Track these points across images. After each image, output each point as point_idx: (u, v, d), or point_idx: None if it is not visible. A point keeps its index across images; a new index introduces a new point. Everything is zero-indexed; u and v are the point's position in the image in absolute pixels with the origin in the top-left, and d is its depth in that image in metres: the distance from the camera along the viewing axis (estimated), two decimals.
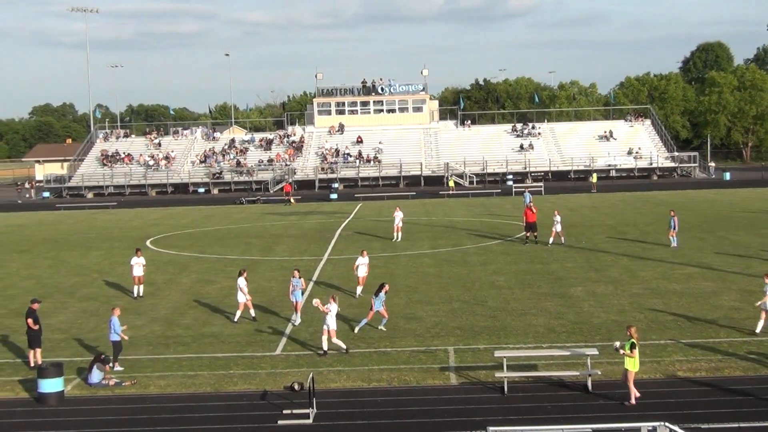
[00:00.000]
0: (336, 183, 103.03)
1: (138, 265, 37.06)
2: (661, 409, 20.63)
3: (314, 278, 40.08)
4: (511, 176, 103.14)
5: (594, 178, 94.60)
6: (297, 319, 31.32)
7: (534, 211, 49.29)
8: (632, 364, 21.55)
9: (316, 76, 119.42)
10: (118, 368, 25.68)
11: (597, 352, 23.80)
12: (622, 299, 33.34)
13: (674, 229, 46.44)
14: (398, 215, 52.37)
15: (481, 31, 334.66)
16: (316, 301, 27.18)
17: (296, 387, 22.96)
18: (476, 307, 32.75)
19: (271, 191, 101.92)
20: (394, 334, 28.96)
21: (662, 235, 50.11)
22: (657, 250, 44.93)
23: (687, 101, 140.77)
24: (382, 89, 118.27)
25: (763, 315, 27.53)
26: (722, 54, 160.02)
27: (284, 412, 21.35)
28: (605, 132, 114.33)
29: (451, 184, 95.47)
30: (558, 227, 48.51)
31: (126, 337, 26.89)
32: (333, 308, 26.81)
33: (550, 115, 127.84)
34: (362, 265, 35.44)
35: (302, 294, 31.86)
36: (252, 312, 32.29)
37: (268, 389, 23.47)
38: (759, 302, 27.85)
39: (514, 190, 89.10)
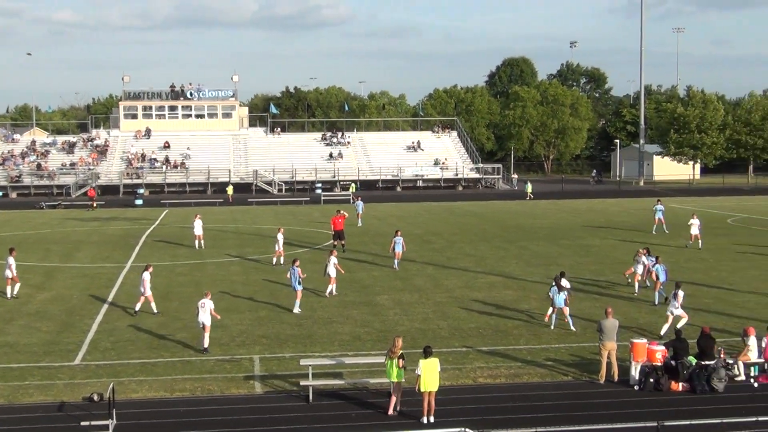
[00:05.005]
0: (141, 189, 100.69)
1: (8, 267, 36.43)
2: (461, 415, 21.07)
3: (117, 286, 39.09)
4: (320, 184, 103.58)
5: (230, 191, 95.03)
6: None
7: (342, 219, 49.52)
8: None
9: (122, 79, 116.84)
10: None
11: None
12: (426, 307, 33.94)
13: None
14: (198, 223, 51.58)
15: (294, 39, 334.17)
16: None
17: (95, 398, 22.31)
18: (283, 315, 32.67)
19: (74, 196, 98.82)
20: (199, 343, 28.50)
21: (467, 245, 51.44)
22: (461, 260, 46.00)
23: (492, 114, 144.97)
24: (191, 94, 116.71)
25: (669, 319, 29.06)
26: (527, 69, 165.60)
27: (82, 424, 20.67)
28: (413, 142, 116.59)
29: (229, 191, 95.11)
30: (279, 246, 44.79)
31: None
32: (207, 304, 27.50)
33: (359, 124, 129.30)
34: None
35: (299, 283, 33.29)
36: (154, 307, 33.13)
37: (66, 400, 22.69)
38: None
39: (322, 198, 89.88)
